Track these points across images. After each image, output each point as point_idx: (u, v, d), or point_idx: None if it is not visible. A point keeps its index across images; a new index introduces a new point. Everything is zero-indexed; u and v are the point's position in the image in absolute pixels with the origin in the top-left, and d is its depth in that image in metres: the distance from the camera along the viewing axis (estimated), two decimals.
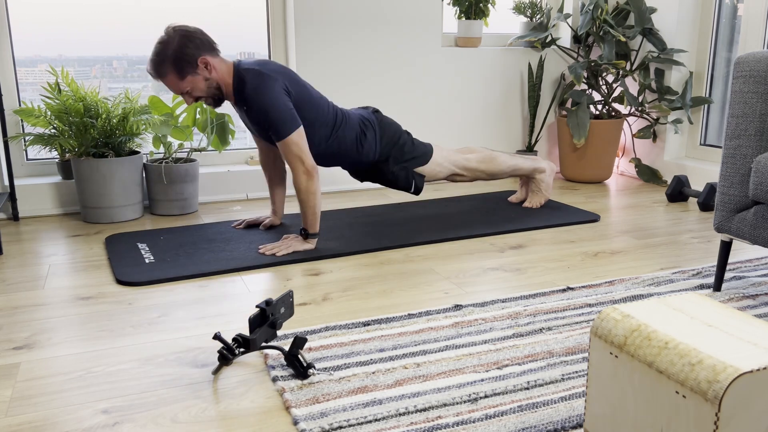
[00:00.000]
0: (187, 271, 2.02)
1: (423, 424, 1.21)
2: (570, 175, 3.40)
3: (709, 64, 3.20)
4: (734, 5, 3.05)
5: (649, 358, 0.97)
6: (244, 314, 1.74)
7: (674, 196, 2.95)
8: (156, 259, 2.13)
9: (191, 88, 2.13)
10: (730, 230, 1.79)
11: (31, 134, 2.58)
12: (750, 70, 1.70)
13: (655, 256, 2.20)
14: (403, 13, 3.12)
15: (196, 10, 2.97)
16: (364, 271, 2.06)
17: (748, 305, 1.77)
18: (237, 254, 2.17)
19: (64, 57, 2.89)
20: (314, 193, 2.15)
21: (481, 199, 2.95)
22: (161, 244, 2.30)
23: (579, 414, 1.25)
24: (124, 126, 2.60)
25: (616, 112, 3.37)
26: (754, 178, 1.65)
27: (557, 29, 3.58)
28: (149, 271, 2.03)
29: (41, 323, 1.68)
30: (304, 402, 1.29)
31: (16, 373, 1.43)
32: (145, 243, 2.31)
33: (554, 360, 1.46)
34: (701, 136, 3.28)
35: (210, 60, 2.11)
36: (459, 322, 1.66)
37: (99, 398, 1.32)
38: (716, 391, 0.86)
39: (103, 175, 2.56)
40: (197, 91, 2.15)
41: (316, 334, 1.60)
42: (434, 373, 1.41)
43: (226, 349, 1.44)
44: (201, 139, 2.84)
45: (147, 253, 2.20)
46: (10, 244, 2.36)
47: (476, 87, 3.36)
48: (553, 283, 1.96)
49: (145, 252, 2.21)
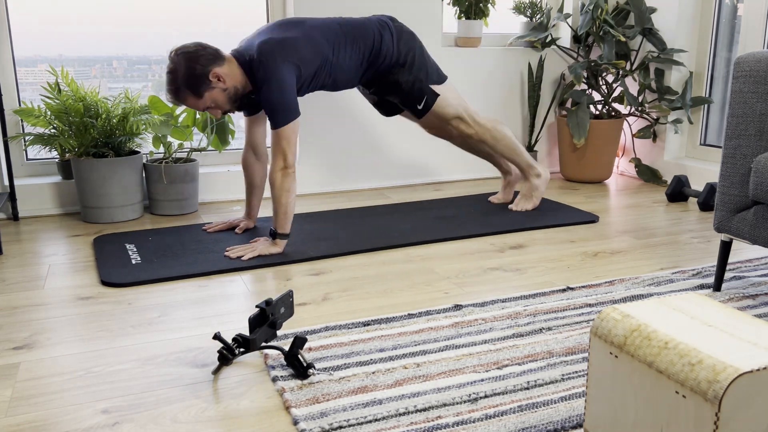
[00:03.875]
0: (172, 272, 2.02)
1: (423, 424, 1.21)
2: (570, 175, 3.40)
3: (709, 64, 3.20)
4: (734, 5, 3.05)
5: (649, 358, 0.97)
6: (244, 314, 1.74)
7: (674, 196, 2.95)
8: (142, 260, 2.13)
9: (213, 103, 2.16)
10: (730, 230, 1.79)
11: (31, 134, 2.58)
12: (750, 70, 1.70)
13: (655, 256, 2.20)
14: (403, 13, 3.12)
15: (196, 10, 2.97)
16: (364, 271, 2.06)
17: (748, 305, 1.77)
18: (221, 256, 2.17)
19: (64, 57, 2.89)
20: (288, 191, 2.14)
21: (480, 199, 2.95)
22: (149, 244, 2.30)
23: (579, 414, 1.25)
24: (124, 126, 2.60)
25: (616, 112, 3.37)
26: (754, 178, 1.66)
27: (557, 29, 3.58)
28: (134, 272, 2.03)
29: (41, 323, 1.68)
30: (304, 402, 1.29)
31: (16, 373, 1.43)
32: (134, 244, 2.31)
33: (554, 360, 1.46)
34: (701, 136, 3.28)
35: (219, 71, 2.13)
36: (459, 322, 1.66)
37: (99, 398, 1.32)
38: (716, 391, 0.86)
39: (102, 175, 2.56)
40: (220, 104, 2.17)
41: (316, 334, 1.60)
42: (434, 373, 1.41)
43: (226, 349, 1.44)
44: (201, 139, 2.84)
45: (134, 254, 2.20)
46: (10, 244, 2.36)
47: (476, 87, 3.36)
48: (552, 283, 1.96)
49: (133, 253, 2.21)
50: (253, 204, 2.49)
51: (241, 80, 2.18)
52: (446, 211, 2.74)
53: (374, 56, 2.37)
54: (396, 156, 3.26)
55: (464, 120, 2.55)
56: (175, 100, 2.15)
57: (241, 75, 2.18)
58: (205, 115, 2.74)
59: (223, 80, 2.14)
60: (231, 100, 2.18)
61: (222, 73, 2.13)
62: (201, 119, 2.75)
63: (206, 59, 2.11)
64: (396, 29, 2.41)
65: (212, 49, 2.15)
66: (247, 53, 2.17)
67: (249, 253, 2.15)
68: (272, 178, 2.14)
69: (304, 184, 3.13)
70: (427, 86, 2.45)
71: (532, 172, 2.72)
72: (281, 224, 2.18)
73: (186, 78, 2.09)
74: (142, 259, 2.14)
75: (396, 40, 2.39)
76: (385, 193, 3.15)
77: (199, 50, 2.11)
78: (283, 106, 2.11)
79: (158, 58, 3.03)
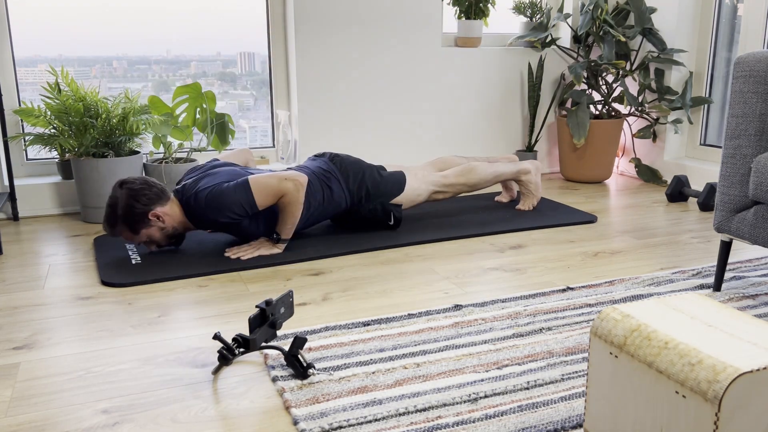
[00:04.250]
0: (172, 272, 2.02)
1: (423, 424, 1.21)
2: (570, 175, 3.40)
3: (709, 64, 3.20)
4: (734, 5, 3.05)
5: (649, 358, 0.97)
6: (244, 314, 1.74)
7: (674, 196, 2.95)
8: (142, 260, 2.13)
9: (148, 239, 2.15)
10: (730, 230, 1.79)
11: (31, 134, 2.58)
12: (750, 70, 1.70)
13: (655, 256, 2.20)
14: (403, 13, 3.12)
15: (196, 10, 2.97)
16: (364, 271, 2.06)
17: (748, 305, 1.77)
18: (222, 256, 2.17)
19: (64, 57, 2.89)
20: (301, 204, 2.15)
21: (480, 199, 2.95)
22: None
23: (579, 414, 1.25)
24: (123, 126, 2.60)
25: (616, 112, 3.37)
26: (754, 178, 1.65)
27: (557, 29, 3.58)
28: (135, 272, 2.03)
29: (41, 323, 1.68)
30: (304, 402, 1.29)
31: (16, 373, 1.43)
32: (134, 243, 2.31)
33: (554, 360, 1.46)
34: (701, 136, 3.28)
35: (160, 211, 2.11)
36: (459, 322, 1.66)
37: (99, 398, 1.32)
38: (716, 391, 0.86)
39: (103, 175, 2.56)
40: (155, 240, 2.16)
41: (316, 334, 1.60)
42: (434, 373, 1.41)
43: (226, 349, 1.44)
44: (201, 139, 2.84)
45: (134, 254, 2.20)
46: (10, 244, 2.36)
47: (476, 87, 3.36)
48: (552, 283, 1.96)
49: (132, 253, 2.21)
50: None
51: (180, 220, 2.17)
52: (446, 211, 2.74)
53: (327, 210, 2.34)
54: (396, 156, 3.27)
55: (437, 191, 2.54)
56: (111, 232, 2.12)
57: (181, 215, 2.17)
58: (205, 115, 2.74)
59: (163, 220, 2.12)
60: (167, 237, 2.17)
61: (162, 213, 2.12)
62: (201, 119, 2.75)
63: (148, 199, 2.09)
64: (340, 171, 2.36)
65: (157, 189, 2.13)
66: (186, 194, 2.15)
67: (250, 253, 2.15)
68: (296, 198, 2.12)
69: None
70: (388, 205, 2.43)
71: (520, 175, 2.72)
72: (288, 232, 2.19)
73: (124, 214, 2.08)
74: (142, 259, 2.14)
75: (344, 185, 2.36)
76: None
77: (144, 188, 2.10)
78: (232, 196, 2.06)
79: (158, 58, 3.04)
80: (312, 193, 2.28)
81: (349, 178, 2.37)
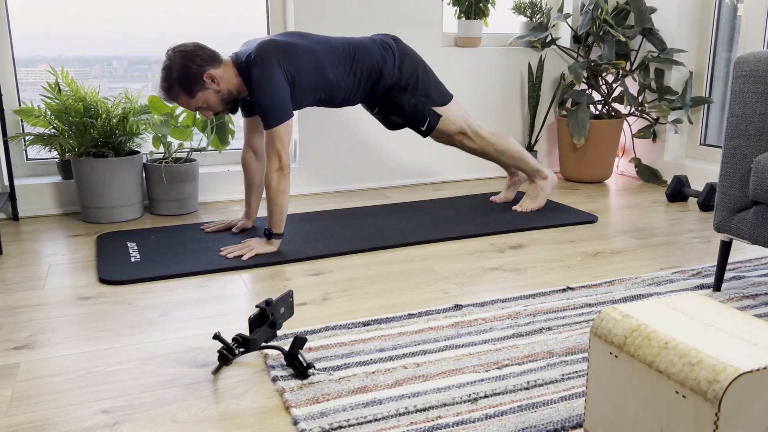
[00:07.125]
0: (172, 270, 2.02)
1: (423, 424, 1.21)
2: (570, 175, 3.40)
3: (709, 64, 3.20)
4: (734, 5, 3.05)
5: (649, 358, 0.97)
6: (244, 314, 1.74)
7: (674, 196, 2.95)
8: (142, 259, 2.13)
9: (205, 104, 2.17)
10: (730, 230, 1.79)
11: (31, 134, 2.58)
12: (750, 70, 1.70)
13: (654, 256, 2.20)
14: (403, 13, 3.12)
15: (195, 10, 2.97)
16: (364, 271, 2.06)
17: (748, 305, 1.77)
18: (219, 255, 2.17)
19: (64, 57, 2.89)
20: (283, 192, 2.15)
21: (480, 199, 2.95)
22: (150, 243, 2.30)
23: (579, 414, 1.25)
24: (124, 126, 2.60)
25: (616, 112, 3.37)
26: (754, 178, 1.66)
27: (557, 29, 3.58)
28: (134, 270, 2.03)
29: (41, 323, 1.68)
30: (304, 402, 1.29)
31: (16, 373, 1.43)
32: (135, 242, 2.31)
33: (554, 360, 1.46)
34: (701, 136, 3.28)
35: (214, 73, 2.14)
36: (459, 322, 1.66)
37: (99, 398, 1.32)
38: (716, 391, 0.86)
39: (102, 175, 2.56)
40: (212, 105, 2.18)
41: (316, 334, 1.60)
42: (434, 373, 1.41)
43: (226, 349, 1.44)
44: (201, 139, 2.84)
45: (134, 252, 2.20)
46: (10, 244, 2.36)
47: (476, 87, 3.36)
48: (552, 283, 1.96)
49: (133, 251, 2.21)
50: (252, 204, 2.49)
51: (235, 83, 2.19)
52: (446, 211, 2.74)
53: (375, 78, 2.38)
54: (396, 156, 3.27)
55: (467, 135, 2.58)
56: (167, 97, 2.15)
57: (237, 78, 2.19)
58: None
59: (218, 82, 2.14)
60: (223, 102, 2.19)
61: (217, 75, 2.14)
62: (201, 119, 2.75)
63: (202, 59, 2.11)
64: (399, 51, 2.41)
65: (210, 51, 2.15)
66: (245, 55, 2.17)
67: (248, 252, 2.15)
68: (268, 179, 2.14)
69: (304, 184, 3.13)
70: (429, 109, 2.46)
71: (538, 176, 2.72)
72: (277, 224, 2.18)
73: (180, 76, 2.10)
74: (142, 257, 2.14)
75: (398, 63, 2.40)
76: (385, 193, 3.15)
77: (196, 50, 2.12)
78: (275, 107, 2.11)
79: (158, 58, 3.03)
80: (365, 60, 2.32)
81: (405, 62, 2.41)
